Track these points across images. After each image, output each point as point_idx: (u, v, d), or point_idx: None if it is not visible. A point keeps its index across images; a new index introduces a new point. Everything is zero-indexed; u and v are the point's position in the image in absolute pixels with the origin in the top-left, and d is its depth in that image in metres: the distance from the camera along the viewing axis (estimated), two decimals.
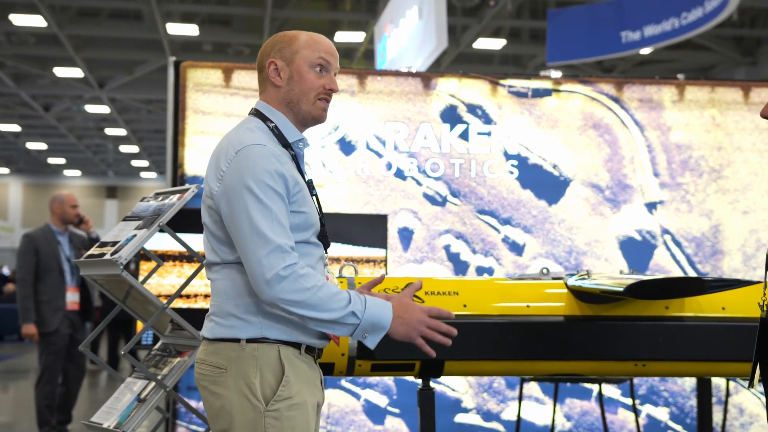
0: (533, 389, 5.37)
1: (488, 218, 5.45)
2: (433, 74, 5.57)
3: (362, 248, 4.88)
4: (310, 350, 2.26)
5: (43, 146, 25.70)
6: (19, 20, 13.11)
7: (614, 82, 5.64)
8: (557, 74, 5.65)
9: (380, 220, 4.97)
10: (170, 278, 4.85)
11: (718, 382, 5.24)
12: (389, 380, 5.26)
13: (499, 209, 5.46)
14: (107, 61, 16.21)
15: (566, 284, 3.18)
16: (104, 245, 3.10)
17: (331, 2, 13.93)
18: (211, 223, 2.26)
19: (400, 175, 5.39)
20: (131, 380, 3.21)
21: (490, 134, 5.48)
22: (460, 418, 5.33)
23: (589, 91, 5.57)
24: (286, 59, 2.30)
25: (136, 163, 28.56)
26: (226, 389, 2.18)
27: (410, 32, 9.09)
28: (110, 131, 22.59)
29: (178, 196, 3.14)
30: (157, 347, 3.34)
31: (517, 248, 5.45)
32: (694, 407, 5.41)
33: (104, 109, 19.35)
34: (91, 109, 19.63)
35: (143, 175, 31.46)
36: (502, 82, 5.52)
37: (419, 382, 3.14)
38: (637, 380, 5.32)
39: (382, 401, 5.25)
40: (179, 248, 4.52)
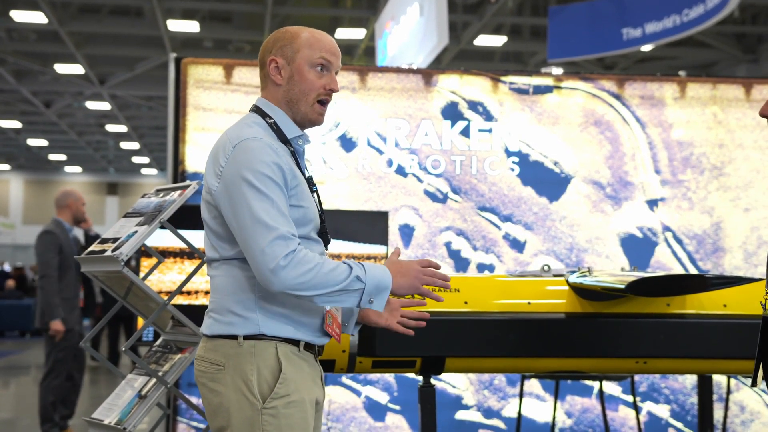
0: (534, 386, 5.37)
1: (489, 215, 5.45)
2: (434, 71, 5.57)
3: (363, 245, 4.88)
4: (309, 347, 2.26)
5: (43, 143, 25.71)
6: (20, 16, 13.11)
7: (615, 78, 5.64)
8: (558, 71, 5.64)
9: (381, 216, 4.97)
10: (171, 275, 4.85)
11: (719, 379, 5.24)
12: (390, 377, 5.26)
13: (500, 206, 5.45)
14: (108, 57, 16.20)
15: (567, 281, 3.18)
16: (105, 242, 3.10)
17: None
18: (210, 219, 2.25)
19: (401, 171, 5.39)
20: (132, 377, 3.21)
21: (491, 131, 5.47)
22: (460, 415, 5.33)
23: (590, 87, 5.57)
24: (287, 57, 2.29)
25: (136, 159, 28.57)
26: (224, 386, 2.18)
27: (411, 29, 9.09)
28: (111, 128, 22.59)
29: (179, 192, 3.14)
30: (157, 344, 3.34)
31: (518, 245, 5.45)
32: (694, 404, 5.41)
33: (105, 105, 19.35)
34: (91, 105, 19.63)
35: (144, 171, 31.47)
36: (503, 78, 5.51)
37: (420, 379, 3.14)
38: (637, 377, 5.32)
39: (382, 398, 5.25)
40: (180, 245, 4.52)
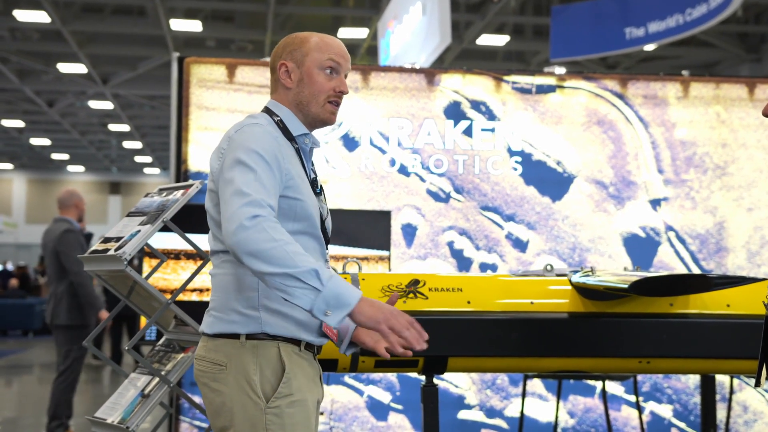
0: (536, 386, 5.37)
1: (492, 215, 5.45)
2: (436, 70, 5.56)
3: (366, 250, 4.88)
4: (309, 347, 2.26)
5: (46, 142, 25.73)
6: (23, 16, 13.12)
7: (618, 78, 5.63)
8: (561, 70, 5.64)
9: (384, 216, 4.97)
10: (175, 274, 4.85)
11: (721, 379, 5.24)
12: (392, 376, 5.26)
13: (502, 206, 5.45)
14: (111, 57, 16.22)
15: (570, 281, 3.17)
16: (108, 241, 3.10)
17: None
18: (212, 207, 2.25)
19: (403, 171, 5.39)
20: (135, 376, 3.21)
21: (493, 130, 5.47)
22: (463, 414, 5.33)
23: (593, 87, 5.56)
24: (296, 61, 2.32)
25: (139, 159, 28.58)
26: (226, 386, 2.18)
27: (414, 28, 9.09)
28: (114, 127, 22.60)
29: (182, 191, 3.14)
30: (160, 343, 3.34)
31: (520, 245, 5.45)
32: (697, 404, 5.40)
33: (108, 104, 19.36)
34: (94, 104, 19.64)
35: (147, 171, 31.48)
36: (506, 78, 5.51)
37: (422, 378, 3.14)
38: (640, 377, 5.32)
39: (385, 397, 5.25)
40: (184, 246, 4.52)
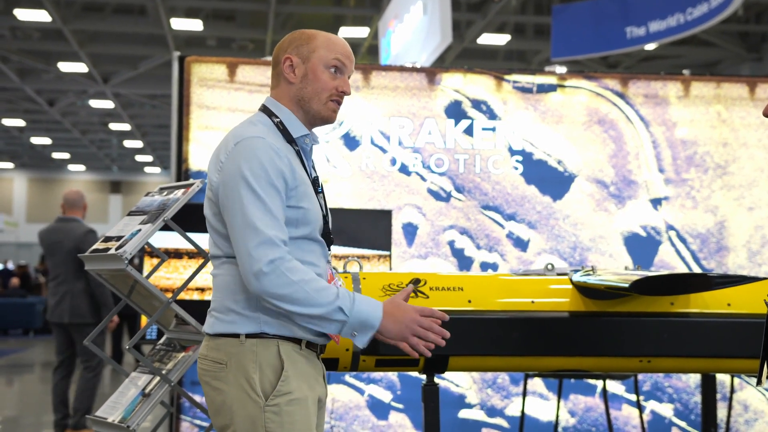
0: (537, 385, 5.37)
1: (492, 214, 5.44)
2: (437, 69, 5.56)
3: (366, 250, 4.88)
4: (311, 345, 2.27)
5: (47, 141, 25.73)
6: (23, 15, 13.12)
7: (619, 77, 5.63)
8: (562, 70, 5.64)
9: (384, 215, 4.97)
10: (176, 273, 4.85)
11: (722, 378, 5.23)
12: (393, 375, 5.26)
13: (503, 205, 5.45)
14: (112, 56, 16.22)
15: (571, 280, 3.17)
16: (109, 240, 3.10)
17: None
18: (211, 215, 2.26)
19: (404, 170, 5.39)
20: (136, 375, 3.21)
21: (494, 130, 5.47)
22: (464, 413, 5.33)
23: (594, 86, 5.56)
24: (302, 56, 2.31)
25: (140, 158, 28.58)
26: (226, 384, 2.19)
27: (414, 28, 9.08)
28: (114, 126, 22.61)
29: (182, 191, 3.14)
30: (161, 342, 3.35)
31: (521, 244, 5.45)
32: (698, 403, 5.40)
33: (108, 104, 19.37)
34: (95, 104, 19.65)
35: (147, 170, 31.49)
36: (506, 77, 5.51)
37: (423, 377, 3.14)
38: (641, 376, 5.32)
39: (386, 396, 5.25)
40: (184, 245, 4.52)
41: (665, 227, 5.53)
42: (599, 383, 5.35)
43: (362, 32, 13.85)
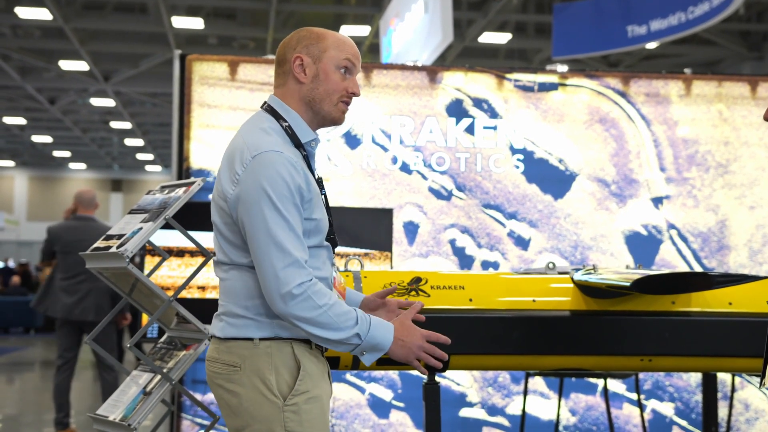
0: (538, 384, 5.37)
1: (494, 212, 5.44)
2: (439, 68, 5.56)
3: (367, 250, 4.88)
4: (319, 345, 2.27)
5: (48, 139, 25.73)
6: (24, 13, 13.12)
7: (621, 76, 5.62)
8: (563, 68, 5.63)
9: (386, 214, 4.97)
10: (177, 271, 4.85)
11: (723, 377, 5.23)
12: (394, 374, 5.26)
13: (504, 203, 5.45)
14: (112, 54, 16.22)
15: (572, 279, 3.17)
16: (110, 238, 3.10)
17: None
18: (221, 224, 2.24)
19: (405, 169, 5.38)
20: (137, 373, 3.21)
21: (495, 128, 5.47)
22: (464, 412, 5.33)
23: (595, 85, 5.56)
24: (313, 56, 2.28)
25: (141, 156, 28.59)
26: (241, 387, 2.18)
27: (416, 26, 9.08)
28: (115, 124, 22.61)
29: (184, 189, 3.13)
30: (162, 340, 3.34)
31: (522, 243, 5.45)
32: (699, 402, 5.40)
33: (109, 102, 19.37)
34: (96, 102, 19.64)
35: (148, 168, 31.49)
36: (508, 76, 5.50)
37: (424, 376, 3.13)
38: (642, 375, 5.32)
39: (386, 395, 5.25)
40: (186, 243, 4.52)
41: (666, 226, 5.53)
42: (600, 382, 5.35)
43: (363, 31, 13.84)
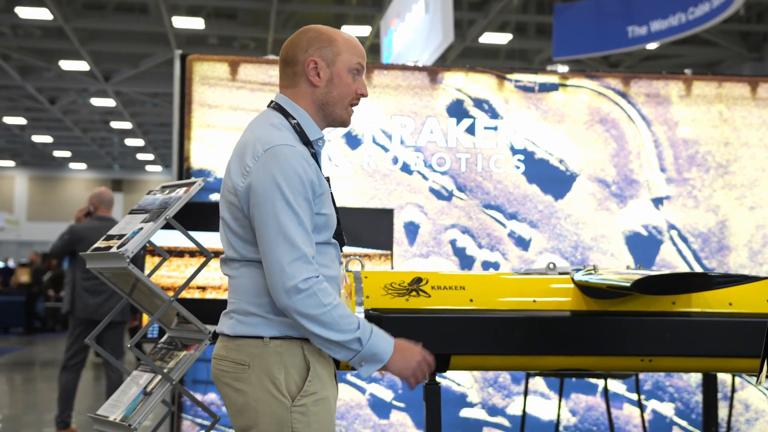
0: (538, 384, 5.37)
1: (494, 213, 5.44)
2: (439, 68, 5.56)
3: (368, 250, 4.88)
4: None
5: (48, 139, 25.73)
6: (24, 13, 13.12)
7: (621, 76, 5.63)
8: (564, 69, 5.63)
9: (386, 214, 4.97)
10: (177, 271, 4.85)
11: (723, 377, 5.24)
12: None
13: (505, 204, 5.45)
14: (113, 54, 16.22)
15: (573, 279, 3.17)
16: (110, 238, 3.10)
17: None
18: (231, 219, 2.23)
19: (406, 169, 5.38)
20: (137, 373, 3.21)
21: (496, 129, 5.47)
22: (465, 412, 5.33)
23: (595, 85, 5.56)
24: (327, 60, 2.28)
25: (141, 156, 28.59)
26: (249, 386, 2.18)
27: (416, 26, 9.08)
28: (116, 124, 22.61)
29: (184, 189, 3.13)
30: (163, 340, 3.34)
31: (523, 243, 5.45)
32: (699, 403, 5.40)
33: (110, 102, 19.37)
34: (96, 102, 19.65)
35: (149, 168, 31.49)
36: (508, 76, 5.51)
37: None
38: (642, 375, 5.32)
39: (387, 395, 5.25)
40: (186, 244, 4.52)
41: (667, 226, 5.53)
42: (600, 382, 5.36)
43: (364, 31, 13.85)
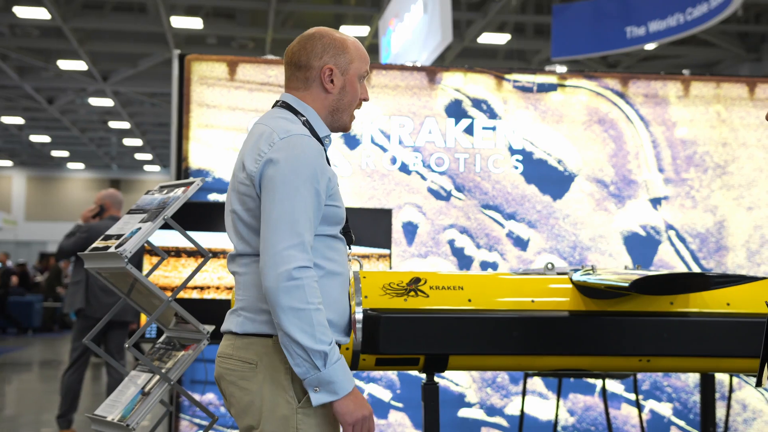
0: (537, 384, 5.37)
1: (493, 213, 5.45)
2: (438, 68, 5.56)
3: (367, 248, 4.88)
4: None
5: (46, 139, 25.71)
6: (23, 12, 13.11)
7: (619, 77, 5.63)
8: (562, 69, 5.64)
9: (385, 214, 4.97)
10: (175, 271, 4.85)
11: (721, 377, 5.24)
12: (393, 374, 5.27)
13: (503, 204, 5.45)
14: (111, 54, 16.21)
15: (571, 279, 3.17)
16: (108, 238, 3.10)
17: None
18: (243, 210, 2.20)
19: (404, 169, 5.39)
20: (135, 373, 3.21)
21: (494, 129, 5.47)
22: (463, 412, 5.33)
23: (594, 86, 5.56)
24: (341, 68, 2.30)
25: (139, 156, 28.56)
26: (256, 385, 2.16)
27: (415, 27, 9.08)
28: (114, 124, 22.60)
29: (183, 189, 3.13)
30: (161, 340, 3.34)
31: (521, 243, 5.45)
32: (697, 403, 5.41)
33: (108, 102, 19.35)
34: (94, 102, 19.63)
35: (147, 168, 31.47)
36: (507, 76, 5.51)
37: (423, 376, 3.14)
38: (640, 375, 5.32)
39: (385, 395, 5.25)
40: (184, 244, 4.52)
41: (665, 227, 5.54)
42: (598, 382, 5.36)
43: (362, 31, 13.84)
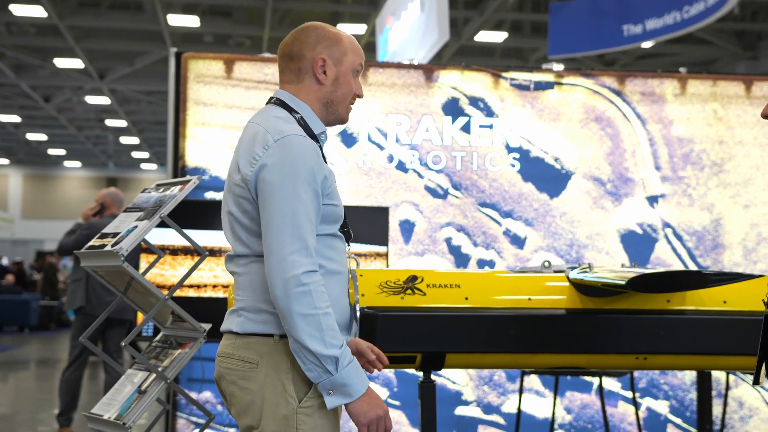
0: (534, 382, 5.38)
1: (490, 211, 5.45)
2: (435, 66, 5.56)
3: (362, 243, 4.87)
4: None
5: (43, 137, 25.68)
6: (19, 10, 13.09)
7: (616, 75, 5.63)
8: (559, 67, 5.64)
9: (382, 212, 4.96)
10: (172, 270, 4.85)
11: (717, 375, 5.24)
12: (390, 372, 5.27)
13: (500, 202, 5.45)
14: (108, 52, 16.19)
15: (568, 277, 3.17)
16: (105, 236, 3.09)
17: None
18: (239, 212, 2.19)
19: (401, 167, 5.38)
20: (132, 372, 3.21)
21: (491, 127, 5.47)
22: (460, 410, 5.33)
23: (591, 84, 5.56)
24: (334, 59, 2.29)
25: (136, 154, 28.54)
26: (257, 384, 2.15)
27: (412, 25, 9.08)
28: (111, 122, 22.58)
29: (179, 187, 3.12)
30: (157, 339, 3.34)
31: (518, 241, 5.45)
32: (693, 400, 5.41)
33: (105, 100, 19.33)
34: (91, 100, 19.61)
35: (143, 166, 31.44)
36: (504, 74, 5.51)
37: (420, 374, 3.14)
38: (637, 373, 5.33)
39: (382, 393, 5.25)
40: (181, 242, 4.51)
41: (661, 225, 5.54)
42: (595, 380, 5.36)
43: (359, 29, 13.84)
